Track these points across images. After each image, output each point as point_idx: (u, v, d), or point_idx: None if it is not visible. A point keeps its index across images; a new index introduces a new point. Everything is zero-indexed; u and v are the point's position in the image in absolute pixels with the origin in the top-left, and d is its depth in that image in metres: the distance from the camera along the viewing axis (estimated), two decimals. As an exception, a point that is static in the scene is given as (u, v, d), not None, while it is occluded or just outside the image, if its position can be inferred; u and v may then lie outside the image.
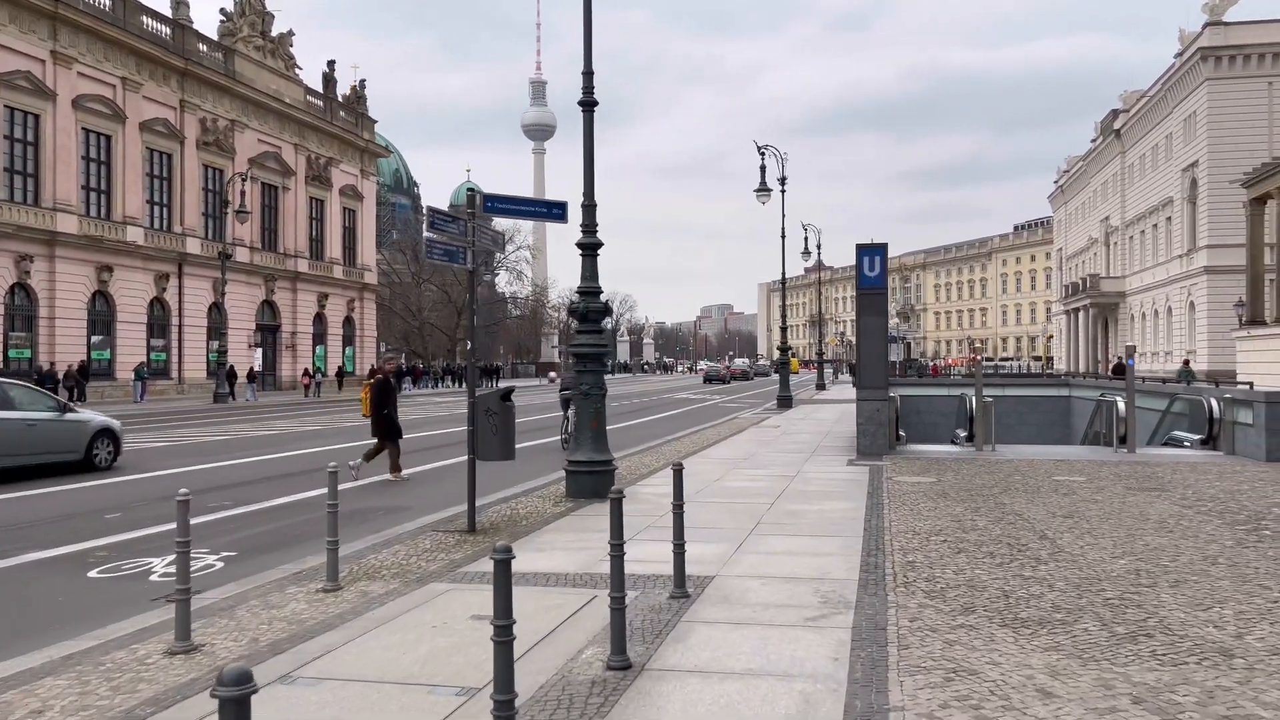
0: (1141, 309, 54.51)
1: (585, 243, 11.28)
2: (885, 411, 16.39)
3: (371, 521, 10.63)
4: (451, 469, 15.45)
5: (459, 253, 8.76)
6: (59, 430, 15.13)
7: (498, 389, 8.83)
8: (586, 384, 11.22)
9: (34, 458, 14.63)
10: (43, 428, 14.92)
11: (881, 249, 16.42)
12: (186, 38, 46.36)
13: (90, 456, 15.41)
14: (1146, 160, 53.82)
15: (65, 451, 15.11)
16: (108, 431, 15.92)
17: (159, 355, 44.85)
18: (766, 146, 35.21)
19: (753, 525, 9.22)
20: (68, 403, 17.84)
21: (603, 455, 11.21)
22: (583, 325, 11.34)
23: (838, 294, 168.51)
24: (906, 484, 12.48)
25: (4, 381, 15.95)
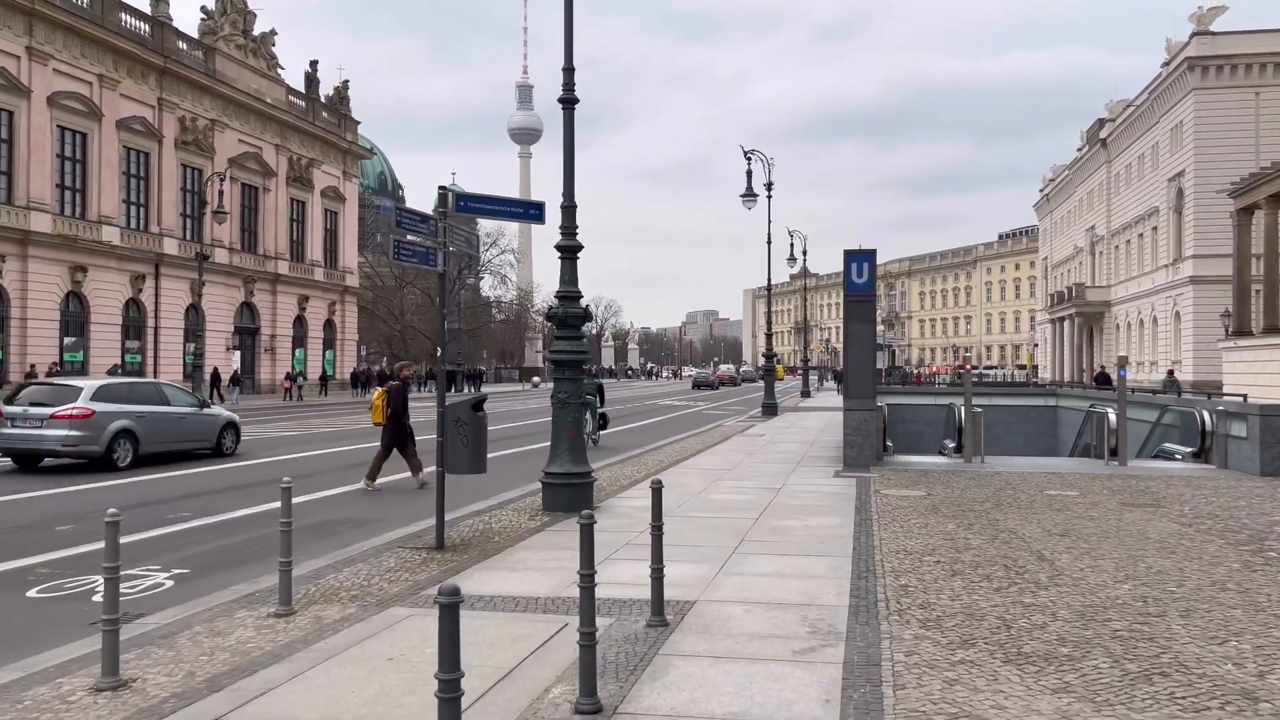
0: (1127, 318, 54.47)
1: (564, 245, 10.84)
2: (873, 422, 16.00)
3: (338, 536, 10.14)
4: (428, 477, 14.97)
5: (430, 254, 8.30)
6: (199, 422, 18.46)
7: (469, 398, 8.37)
8: (564, 392, 10.75)
9: (181, 445, 17.99)
10: (189, 420, 18.23)
11: (870, 255, 16.04)
12: (166, 35, 45.67)
13: (220, 444, 18.67)
14: (1133, 170, 53.82)
15: (202, 440, 18.42)
16: (231, 424, 19.29)
17: (134, 358, 44.07)
18: (753, 151, 34.89)
19: (736, 543, 8.79)
20: (205, 400, 21.74)
21: (580, 467, 10.75)
22: (561, 331, 10.88)
23: (823, 300, 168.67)
24: (895, 498, 12.07)
25: (160, 382, 20.84)
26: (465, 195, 8.61)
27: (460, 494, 12.10)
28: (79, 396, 16.22)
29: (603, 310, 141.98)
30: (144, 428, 16.81)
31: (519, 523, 10.00)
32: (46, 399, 16.46)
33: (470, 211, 8.71)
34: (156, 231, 45.18)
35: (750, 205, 34.51)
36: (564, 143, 10.81)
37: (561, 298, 10.87)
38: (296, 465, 17.05)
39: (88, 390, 16.58)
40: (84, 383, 17.52)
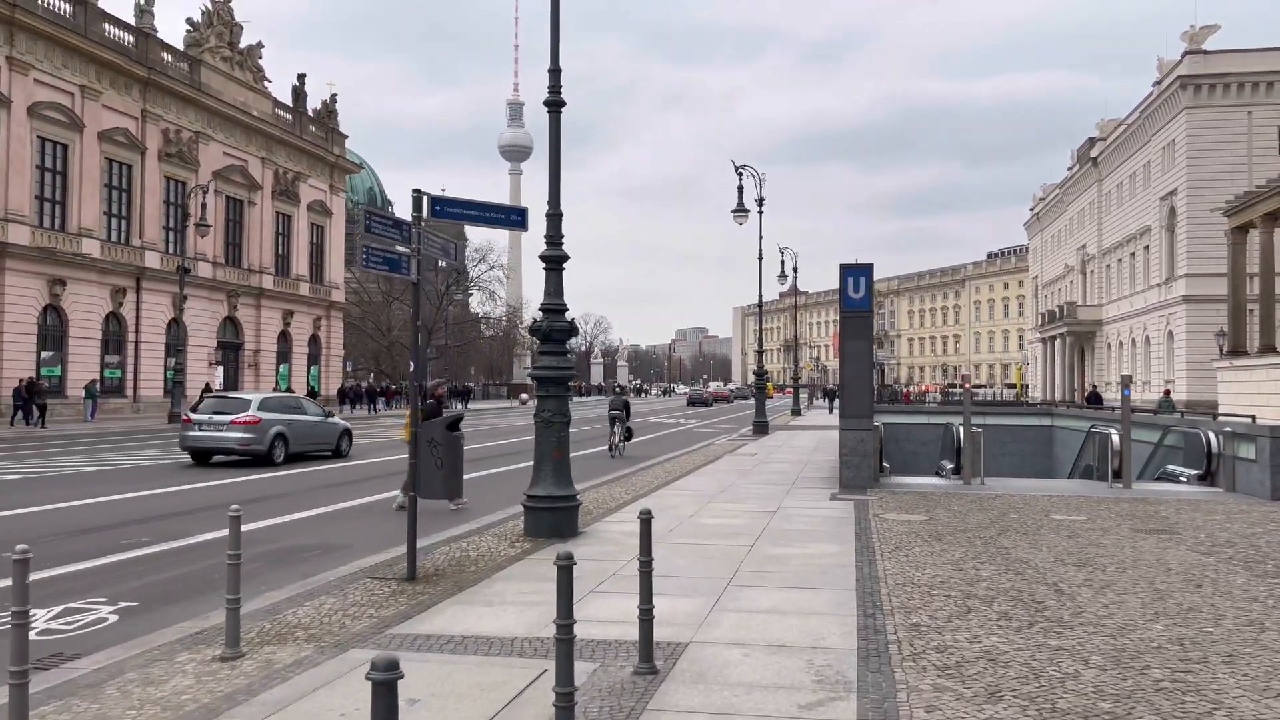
0: (1119, 338, 54.19)
1: (549, 255, 10.26)
2: (870, 442, 15.44)
3: (304, 563, 9.49)
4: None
5: (401, 262, 7.71)
6: (326, 429, 22.28)
7: (444, 417, 7.76)
8: (549, 410, 10.15)
9: (314, 447, 21.57)
10: (320, 426, 22.10)
11: (867, 270, 15.52)
12: (150, 46, 45.08)
13: (338, 447, 22.25)
14: (1124, 188, 53.67)
15: (327, 444, 22.00)
16: (347, 431, 22.81)
17: (114, 372, 43.26)
18: (744, 166, 34.45)
19: (731, 574, 8.18)
20: (329, 410, 25.39)
21: (565, 490, 10.14)
22: (545, 346, 10.29)
23: (813, 319, 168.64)
24: (896, 523, 11.49)
25: (300, 396, 26.41)
26: (442, 199, 8.03)
27: (439, 518, 11.47)
28: (250, 407, 20.06)
29: (591, 327, 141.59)
30: (292, 432, 20.62)
31: (498, 550, 9.36)
32: (226, 409, 20.20)
33: (448, 216, 8.13)
34: (138, 245, 44.45)
35: (741, 220, 34.07)
36: (549, 148, 10.26)
37: (546, 311, 10.29)
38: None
39: (255, 402, 20.59)
40: (252, 395, 21.95)
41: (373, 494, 15.12)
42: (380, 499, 14.42)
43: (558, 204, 10.29)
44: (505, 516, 11.62)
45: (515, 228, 8.50)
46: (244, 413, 19.68)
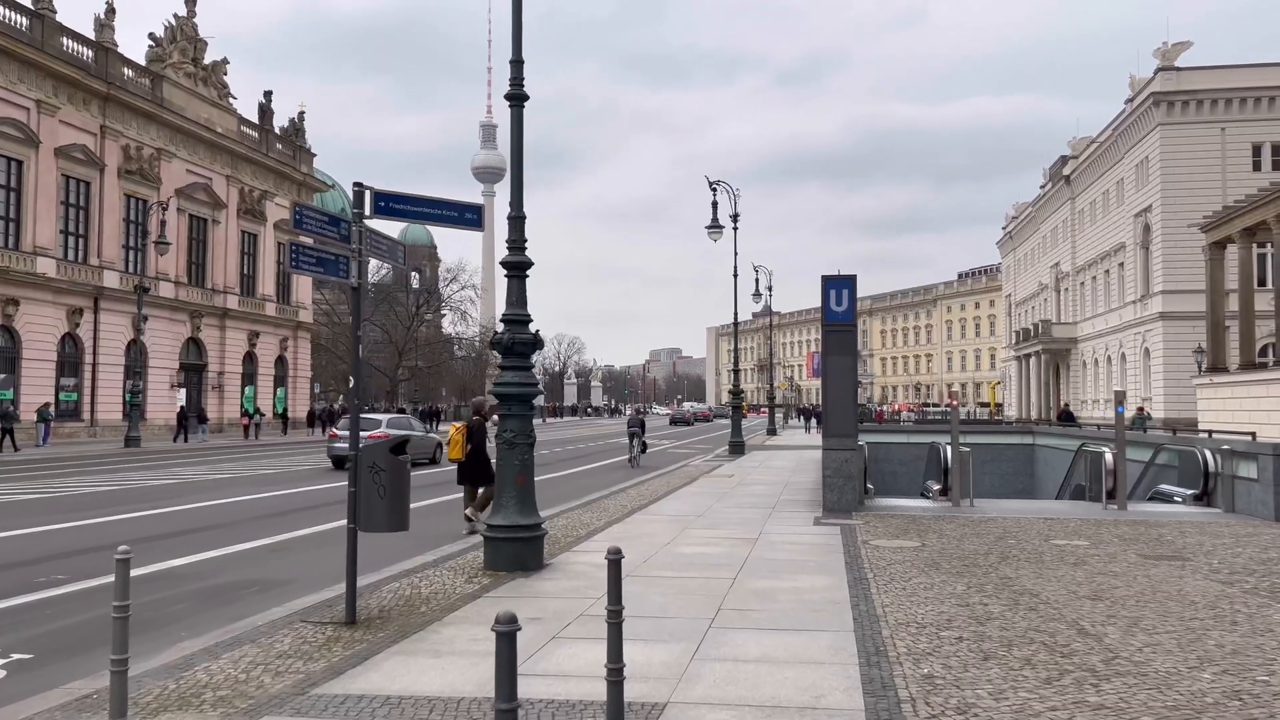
0: (1094, 355, 53.95)
1: (512, 262, 9.41)
2: (855, 463, 14.64)
3: (237, 603, 8.52)
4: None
5: (339, 263, 6.83)
6: (429, 441, 28.37)
7: (388, 440, 6.86)
8: (511, 431, 9.26)
9: (421, 456, 26.40)
10: (425, 439, 28.06)
11: (849, 281, 14.78)
12: (110, 61, 43.95)
13: (435, 456, 27.59)
14: (1097, 206, 53.61)
15: (427, 453, 27.52)
16: (440, 443, 27.45)
17: (70, 395, 41.84)
18: (718, 182, 33.85)
19: (713, 613, 7.30)
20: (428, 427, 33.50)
21: (529, 518, 9.24)
22: (508, 360, 9.41)
23: (787, 338, 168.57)
24: (887, 550, 10.67)
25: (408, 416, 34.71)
26: (387, 194, 7.16)
27: (391, 548, 10.53)
28: (381, 425, 26.38)
29: (565, 348, 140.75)
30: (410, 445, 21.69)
31: (454, 586, 8.44)
32: (364, 427, 23.57)
33: (391, 214, 7.26)
34: (96, 264, 43.13)
35: (716, 237, 33.40)
36: (511, 145, 9.44)
37: (508, 322, 9.42)
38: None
39: (385, 421, 27.72)
40: (382, 417, 29.67)
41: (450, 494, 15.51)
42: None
43: (520, 206, 9.45)
44: (466, 547, 10.69)
45: (469, 226, 7.64)
46: (377, 429, 25.41)
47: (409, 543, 10.29)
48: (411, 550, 10.41)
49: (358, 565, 8.57)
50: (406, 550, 10.37)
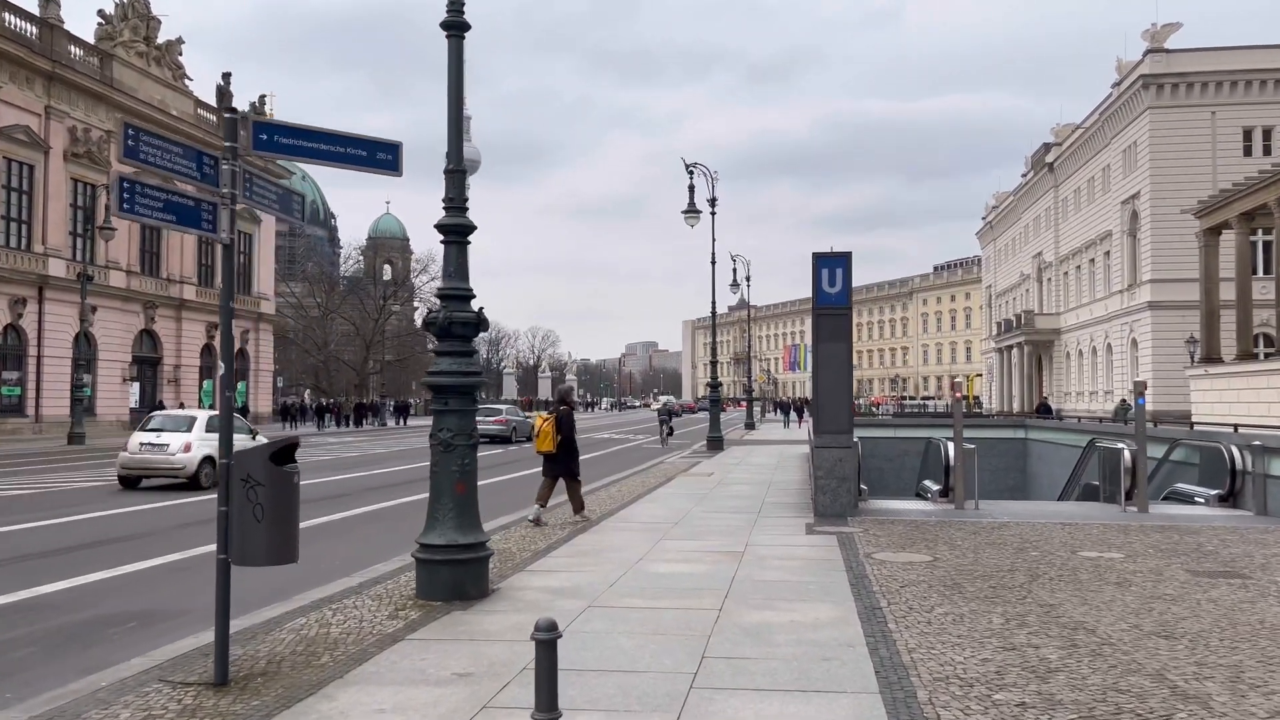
0: (1079, 346, 52.87)
1: (449, 224, 7.78)
2: (850, 462, 13.11)
3: (100, 646, 6.86)
4: (322, 532, 11.62)
5: (200, 212, 5.17)
6: (526, 424, 36.81)
7: (271, 442, 5.20)
8: (449, 429, 7.63)
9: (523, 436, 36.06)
10: (525, 423, 37.28)
11: (844, 259, 13.23)
12: (56, 39, 41.69)
13: (529, 436, 32.33)
14: (1082, 194, 52.48)
15: (525, 435, 35.53)
16: (531, 424, 32.19)
17: (12, 390, 39.66)
18: (695, 165, 32.21)
19: (695, 664, 5.71)
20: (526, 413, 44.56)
21: (470, 535, 7.60)
22: (445, 344, 7.77)
23: (763, 331, 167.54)
24: (896, 566, 9.13)
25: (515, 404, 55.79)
26: (271, 124, 5.52)
27: (313, 568, 8.85)
28: (502, 412, 37.96)
29: (539, 341, 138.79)
30: (519, 427, 37.72)
31: (373, 622, 6.79)
32: (489, 414, 35.64)
33: (277, 149, 5.60)
34: (40, 251, 40.92)
35: (693, 222, 31.80)
36: (449, 85, 7.79)
37: (446, 297, 7.77)
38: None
39: (505, 409, 39.01)
40: (502, 406, 40.27)
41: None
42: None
43: (460, 158, 7.82)
44: (398, 567, 9.03)
45: (383, 169, 5.99)
46: (499, 415, 37.72)
47: (361, 551, 8.64)
48: (314, 579, 8.75)
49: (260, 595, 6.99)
50: (321, 575, 8.71)
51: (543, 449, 12.70)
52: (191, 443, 18.55)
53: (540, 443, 12.74)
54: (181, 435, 18.70)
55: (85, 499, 16.78)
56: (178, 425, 19.29)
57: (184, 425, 19.20)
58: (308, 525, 13.03)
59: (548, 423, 12.74)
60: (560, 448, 12.61)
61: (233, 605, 7.72)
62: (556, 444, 12.56)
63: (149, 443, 18.66)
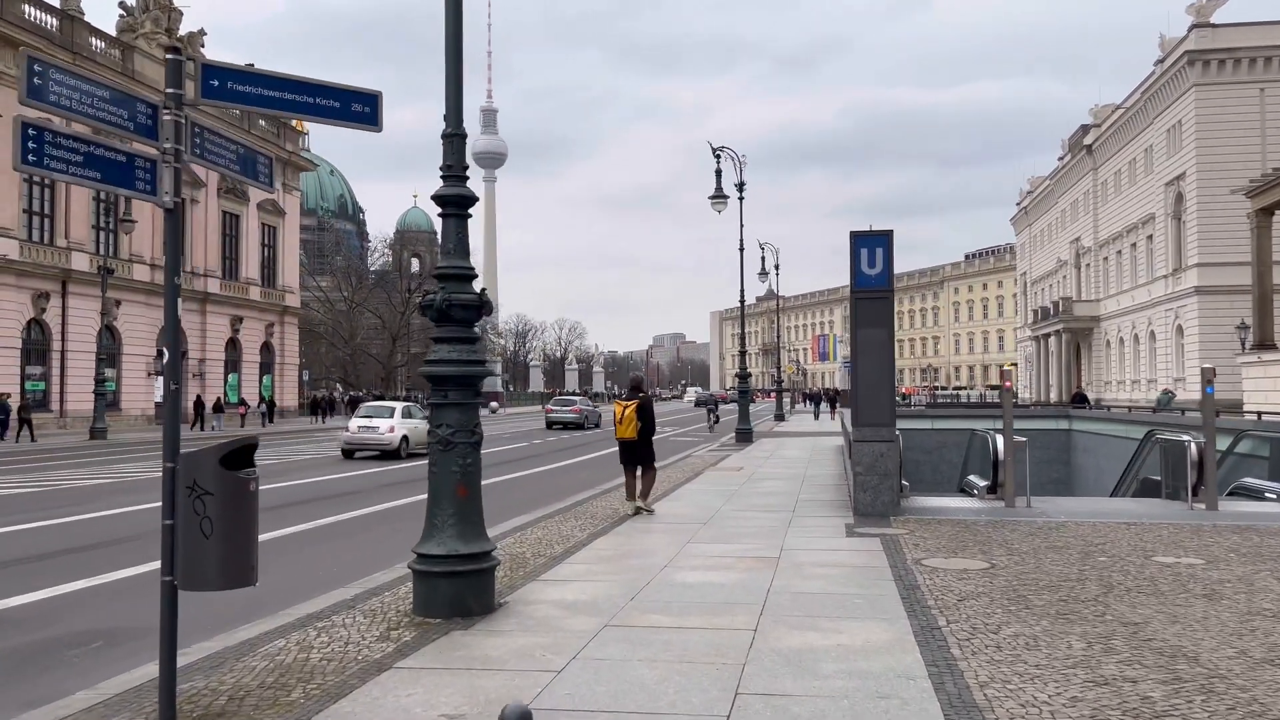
0: (1119, 334, 51.31)
1: (448, 195, 6.93)
2: (892, 457, 12.17)
3: (53, 671, 6.11)
4: (331, 533, 10.87)
5: (134, 168, 4.35)
6: (595, 413, 46.48)
7: (224, 443, 4.36)
8: (449, 425, 6.79)
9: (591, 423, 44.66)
10: (594, 412, 46.85)
11: (885, 238, 12.27)
12: (76, 30, 41.35)
13: (598, 423, 44.01)
14: (1122, 176, 50.83)
15: (595, 423, 44.47)
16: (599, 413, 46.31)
17: (37, 385, 39.46)
18: (722, 149, 31.27)
19: (729, 701, 4.84)
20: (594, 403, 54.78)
21: (474, 544, 6.77)
22: (444, 329, 6.93)
23: (791, 322, 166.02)
24: (949, 575, 8.20)
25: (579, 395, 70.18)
26: (226, 69, 4.69)
27: (311, 575, 8.05)
28: (578, 402, 48.19)
29: (566, 333, 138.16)
30: (590, 415, 45.29)
31: (360, 645, 5.98)
32: (568, 402, 48.30)
33: (239, 100, 4.76)
34: (64, 245, 40.68)
35: (720, 207, 30.89)
36: (446, 36, 6.93)
37: (445, 277, 6.92)
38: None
39: (580, 399, 50.93)
40: (577, 397, 52.92)
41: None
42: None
43: (459, 120, 6.97)
44: (406, 574, 8.22)
45: (360, 124, 5.14)
46: (574, 405, 46.18)
47: (367, 554, 7.85)
48: (304, 590, 7.96)
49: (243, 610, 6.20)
50: (302, 588, 7.93)
51: (625, 436, 12.55)
52: (394, 425, 24.71)
53: (622, 429, 12.58)
54: (386, 420, 25.05)
55: (96, 495, 16.16)
56: (383, 413, 25.71)
57: (387, 413, 25.63)
58: (316, 525, 12.36)
59: (630, 409, 12.55)
60: (642, 434, 12.51)
61: (213, 622, 6.97)
62: (638, 431, 12.46)
63: (364, 425, 25.04)
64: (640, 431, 12.47)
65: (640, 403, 12.67)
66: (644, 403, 12.74)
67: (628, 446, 12.53)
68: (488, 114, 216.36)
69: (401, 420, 25.07)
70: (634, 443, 12.47)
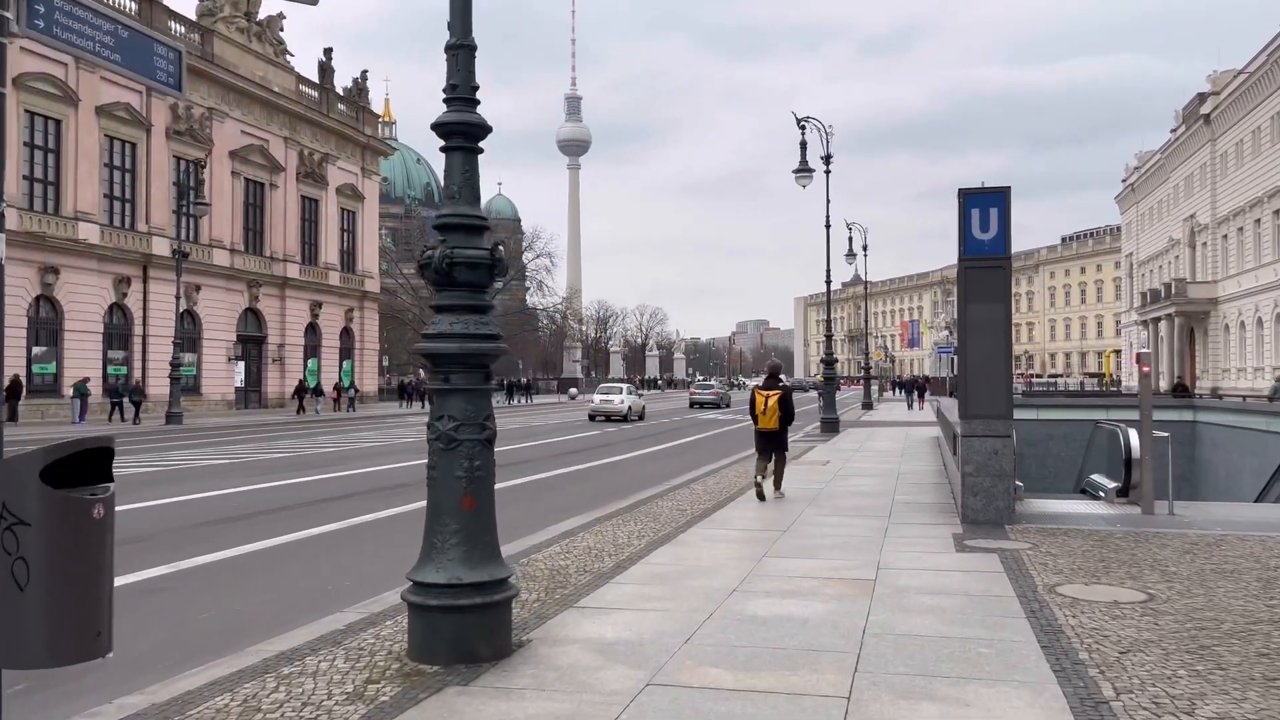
0: (1240, 317, 47.50)
1: (453, 122, 5.41)
2: (1008, 455, 10.33)
3: None
4: (357, 536, 9.59)
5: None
6: (728, 394, 57.70)
7: (53, 447, 2.92)
8: (452, 418, 5.30)
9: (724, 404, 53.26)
10: (726, 393, 57.98)
11: (1000, 195, 10.40)
12: (155, 14, 41.30)
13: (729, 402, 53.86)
14: (1245, 146, 46.92)
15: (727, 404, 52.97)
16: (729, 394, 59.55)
17: (118, 369, 39.69)
18: (807, 119, 29.27)
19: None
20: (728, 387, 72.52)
21: (482, 571, 5.26)
22: (445, 294, 5.45)
23: (878, 308, 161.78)
24: (1098, 610, 6.42)
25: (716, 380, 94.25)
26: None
27: (317, 592, 6.70)
28: (714, 385, 63.73)
29: (647, 319, 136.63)
30: (724, 396, 55.25)
31: (323, 706, 4.54)
32: (706, 385, 65.05)
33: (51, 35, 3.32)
34: (145, 230, 40.83)
35: (805, 182, 28.98)
36: (451, -78, 5.40)
37: (447, 227, 5.43)
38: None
39: (715, 384, 68.05)
40: (714, 381, 77.97)
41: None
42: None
43: (467, 30, 5.46)
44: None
45: (159, 83, 3.61)
46: (713, 389, 56.88)
47: (395, 562, 6.47)
48: (289, 615, 6.59)
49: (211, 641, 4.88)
50: (287, 612, 6.55)
51: (767, 427, 12.50)
52: (623, 399, 39.03)
53: (765, 420, 12.50)
54: (618, 395, 39.71)
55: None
56: (615, 391, 40.95)
57: (618, 391, 40.80)
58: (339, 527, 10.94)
59: (772, 399, 12.50)
60: (781, 424, 12.57)
61: (175, 650, 5.68)
62: (779, 421, 12.47)
63: (604, 399, 39.65)
64: (780, 421, 12.48)
65: (782, 393, 12.69)
66: (785, 393, 12.77)
67: (767, 435, 12.53)
68: (571, 101, 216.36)
69: (625, 396, 39.49)
70: (775, 432, 12.49)
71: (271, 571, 8.77)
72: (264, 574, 8.61)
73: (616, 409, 37.93)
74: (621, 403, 38.29)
